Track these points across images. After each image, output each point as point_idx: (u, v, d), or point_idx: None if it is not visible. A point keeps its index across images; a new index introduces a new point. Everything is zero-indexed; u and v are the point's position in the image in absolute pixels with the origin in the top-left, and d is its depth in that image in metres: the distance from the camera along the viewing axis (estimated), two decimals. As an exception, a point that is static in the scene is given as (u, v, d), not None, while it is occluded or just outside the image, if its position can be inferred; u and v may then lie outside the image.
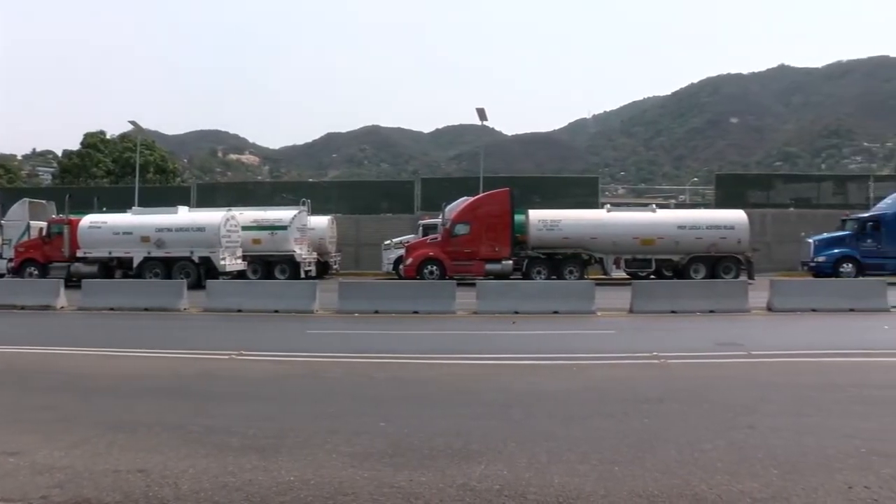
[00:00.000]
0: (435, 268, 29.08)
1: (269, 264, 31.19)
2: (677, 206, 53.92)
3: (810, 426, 7.23)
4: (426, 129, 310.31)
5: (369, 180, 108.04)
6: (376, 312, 18.48)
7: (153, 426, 7.39)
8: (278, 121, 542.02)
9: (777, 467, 5.84)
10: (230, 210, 31.02)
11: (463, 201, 31.41)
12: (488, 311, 18.30)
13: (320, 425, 7.43)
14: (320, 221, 34.37)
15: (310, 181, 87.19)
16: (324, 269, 34.35)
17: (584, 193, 41.42)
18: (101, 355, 12.62)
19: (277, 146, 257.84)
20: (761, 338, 14.50)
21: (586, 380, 10.09)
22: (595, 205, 37.17)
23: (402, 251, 31.47)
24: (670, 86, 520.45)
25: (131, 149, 57.82)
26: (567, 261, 29.74)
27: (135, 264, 29.29)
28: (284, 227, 31.32)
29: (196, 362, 11.79)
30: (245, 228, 30.92)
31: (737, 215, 30.61)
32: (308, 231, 32.68)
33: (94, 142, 66.77)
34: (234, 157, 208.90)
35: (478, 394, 9.03)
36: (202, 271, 28.05)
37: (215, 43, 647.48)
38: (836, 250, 30.27)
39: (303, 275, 30.69)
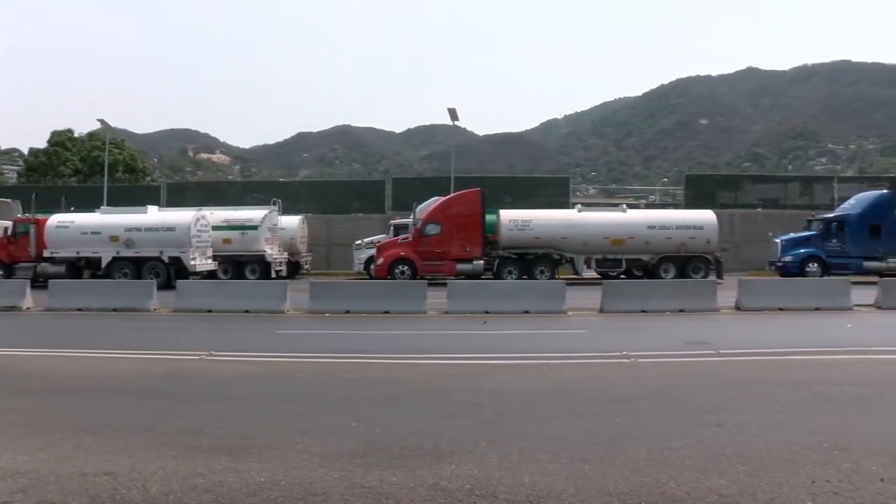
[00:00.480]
0: (406, 268, 29.06)
1: (239, 264, 31.02)
2: (647, 207, 54.73)
3: (776, 423, 7.34)
4: (398, 128, 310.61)
5: (340, 180, 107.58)
6: (347, 312, 18.45)
7: (121, 428, 7.31)
8: (249, 120, 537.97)
9: (744, 464, 5.92)
10: (200, 210, 30.77)
11: (434, 201, 31.40)
12: (459, 310, 18.32)
13: (291, 426, 7.40)
14: (291, 221, 34.24)
15: (281, 181, 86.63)
16: (295, 269, 34.26)
17: (555, 193, 41.62)
18: (69, 356, 12.45)
19: (248, 145, 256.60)
20: (730, 337, 14.68)
21: (557, 379, 10.14)
22: (566, 205, 37.35)
23: (373, 251, 31.39)
24: (641, 87, 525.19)
25: (100, 147, 57.17)
26: (538, 261, 29.85)
27: (103, 264, 28.93)
28: (255, 227, 31.17)
29: (165, 363, 11.68)
30: (215, 228, 30.73)
31: (706, 215, 30.94)
32: (279, 231, 32.55)
33: (62, 140, 65.73)
34: (204, 156, 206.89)
35: (449, 393, 9.05)
36: (172, 271, 27.82)
37: (186, 42, 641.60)
38: (802, 250, 30.73)
39: (273, 275, 30.58)
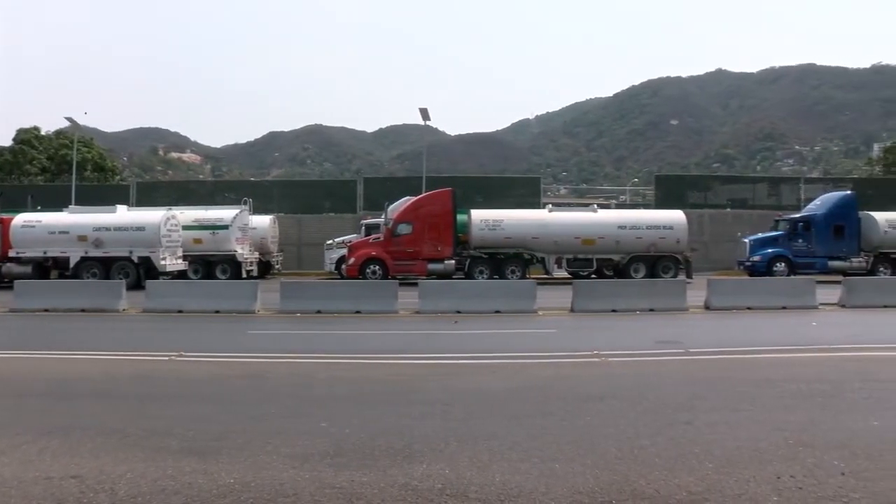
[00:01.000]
0: (377, 267, 29.00)
1: (210, 264, 30.82)
2: (618, 207, 55.03)
3: (744, 420, 7.44)
4: (369, 128, 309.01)
5: (312, 180, 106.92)
6: (318, 312, 18.38)
7: (89, 430, 7.20)
8: (220, 119, 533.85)
9: (712, 461, 5.99)
10: (171, 209, 30.46)
11: (405, 201, 31.40)
12: (430, 310, 18.32)
13: (261, 426, 7.35)
14: (262, 221, 34.05)
15: (252, 180, 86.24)
16: (265, 269, 34.12)
17: (527, 194, 41.81)
18: (35, 358, 12.28)
19: (219, 145, 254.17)
20: (699, 336, 14.82)
21: (528, 379, 10.18)
22: (537, 205, 37.54)
23: (344, 251, 31.32)
24: (612, 88, 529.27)
25: (68, 146, 56.29)
26: (509, 260, 29.95)
27: (71, 264, 28.55)
28: (226, 227, 30.94)
29: (135, 364, 11.54)
30: (186, 228, 30.45)
31: (676, 216, 31.24)
32: (250, 231, 32.38)
33: (28, 138, 64.57)
34: (175, 155, 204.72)
35: (420, 393, 9.04)
36: (142, 271, 27.53)
37: (156, 40, 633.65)
38: (769, 250, 31.16)
39: (244, 275, 30.39)
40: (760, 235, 32.25)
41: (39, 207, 32.58)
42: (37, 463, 6.14)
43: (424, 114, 39.32)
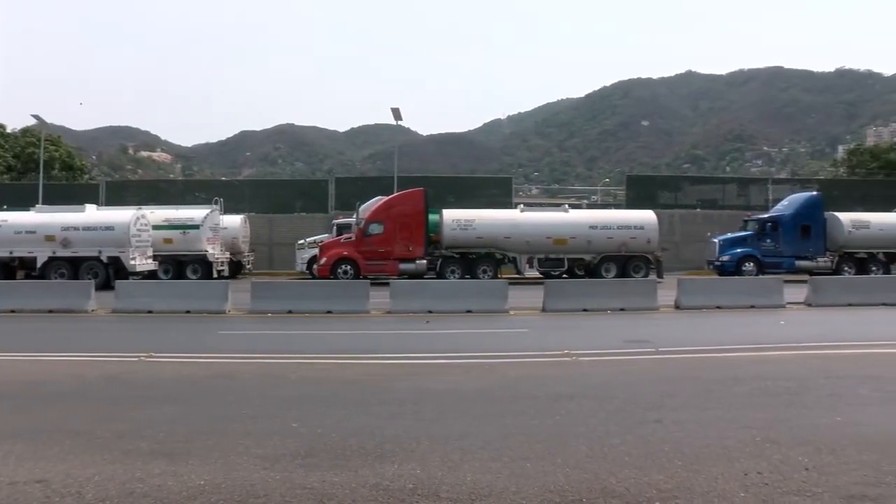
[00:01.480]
0: (349, 267, 28.90)
1: (180, 264, 30.56)
2: (589, 207, 55.36)
3: (713, 419, 7.53)
4: (341, 128, 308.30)
5: (283, 179, 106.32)
6: (289, 312, 18.29)
7: (55, 433, 7.10)
8: (191, 118, 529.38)
9: (681, 459, 6.06)
10: (141, 209, 30.15)
11: (377, 201, 31.31)
12: (402, 310, 18.31)
13: (232, 427, 7.29)
14: (233, 221, 33.79)
15: (223, 180, 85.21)
16: (237, 269, 33.86)
17: (498, 194, 41.87)
18: (0, 360, 12.06)
19: (190, 144, 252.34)
20: (669, 335, 14.97)
21: (499, 378, 10.21)
22: (509, 205, 37.57)
23: (315, 251, 31.16)
24: (583, 89, 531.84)
25: (35, 144, 55.36)
26: (481, 260, 29.97)
27: (38, 265, 28.14)
28: (197, 227, 30.68)
29: (103, 365, 11.40)
30: (156, 227, 30.12)
31: (646, 216, 31.46)
32: (221, 230, 32.09)
33: (-7, 136, 63.64)
34: (145, 154, 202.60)
35: (391, 393, 9.03)
36: (111, 271, 27.24)
37: (126, 37, 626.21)
38: (738, 250, 31.52)
39: (215, 275, 30.13)
40: (730, 235, 32.61)
41: (6, 207, 32.00)
42: (0, 468, 6.04)
43: (396, 114, 39.27)
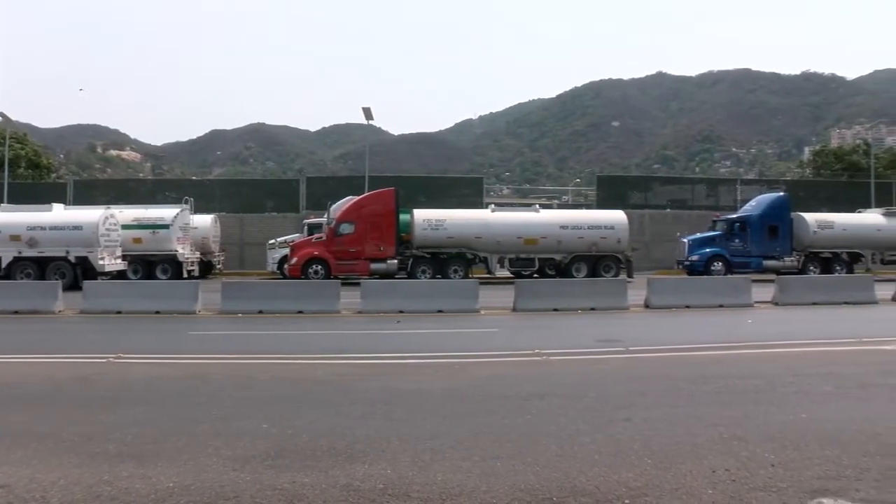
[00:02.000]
0: (320, 267, 28.81)
1: (150, 264, 30.32)
2: (560, 207, 55.73)
3: (682, 417, 7.59)
4: (313, 127, 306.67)
5: (254, 179, 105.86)
6: (260, 312, 18.17)
7: (20, 436, 6.96)
8: (161, 117, 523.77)
9: (651, 457, 6.10)
10: (109, 208, 29.81)
11: (348, 200, 31.25)
12: (373, 310, 18.25)
13: (202, 429, 7.22)
14: (204, 220, 33.58)
15: (193, 179, 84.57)
16: (207, 269, 33.66)
17: (470, 193, 42.02)
18: (-38, 362, 11.85)
19: (160, 143, 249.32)
20: (639, 334, 15.10)
21: (470, 378, 10.21)
22: (480, 205, 37.73)
23: (286, 250, 31.06)
24: (555, 89, 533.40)
25: (-1, 141, 54.55)
26: (452, 260, 30.01)
27: (3, 265, 27.75)
28: (166, 226, 30.47)
29: (71, 367, 11.22)
30: (125, 227, 29.90)
31: (617, 216, 31.70)
32: (191, 230, 31.90)
33: (-44, 133, 62.45)
34: (114, 152, 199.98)
35: (362, 393, 9.00)
36: (79, 272, 26.92)
37: (95, 33, 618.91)
38: (707, 249, 31.89)
39: (185, 275, 30.00)
40: (699, 235, 32.98)
41: (-32, 206, 31.47)
42: (-37, 472, 5.91)
43: (367, 113, 39.20)
